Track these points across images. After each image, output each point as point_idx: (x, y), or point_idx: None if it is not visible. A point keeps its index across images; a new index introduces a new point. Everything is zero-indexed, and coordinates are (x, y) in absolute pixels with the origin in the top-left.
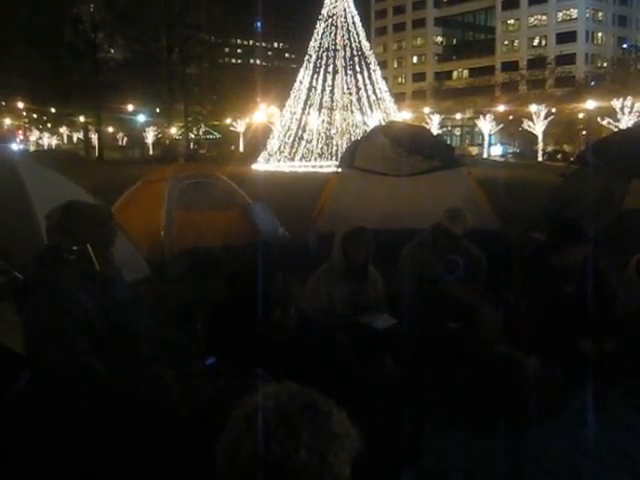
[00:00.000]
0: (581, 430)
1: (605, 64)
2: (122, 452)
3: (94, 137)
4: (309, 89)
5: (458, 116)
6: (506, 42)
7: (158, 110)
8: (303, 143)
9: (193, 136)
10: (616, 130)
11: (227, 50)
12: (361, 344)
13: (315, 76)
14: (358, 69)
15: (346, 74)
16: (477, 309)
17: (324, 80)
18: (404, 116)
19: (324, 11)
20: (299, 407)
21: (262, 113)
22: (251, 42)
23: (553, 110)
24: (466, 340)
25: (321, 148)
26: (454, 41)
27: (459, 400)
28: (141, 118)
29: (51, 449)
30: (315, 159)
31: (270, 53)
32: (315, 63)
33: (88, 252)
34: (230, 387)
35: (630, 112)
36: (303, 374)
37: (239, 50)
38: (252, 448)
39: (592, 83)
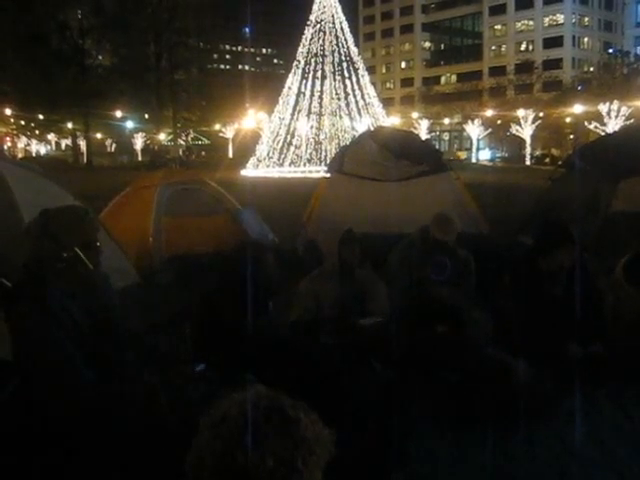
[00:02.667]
0: (569, 431)
1: (592, 69)
2: (111, 458)
3: (82, 144)
4: (298, 95)
5: (446, 121)
6: (493, 47)
7: (147, 116)
8: (292, 149)
9: (183, 142)
10: (603, 134)
11: (216, 56)
12: (348, 347)
13: (304, 82)
14: (346, 74)
15: (334, 79)
16: (464, 312)
17: (313, 85)
18: (393, 121)
19: (312, 17)
20: (265, 413)
21: (251, 119)
22: (240, 48)
23: (541, 114)
24: (453, 343)
25: (310, 153)
26: (442, 46)
27: (448, 403)
28: (130, 124)
29: (39, 456)
30: (304, 165)
31: (259, 59)
32: (304, 69)
33: (79, 255)
34: (219, 393)
35: (616, 116)
36: (291, 378)
37: (228, 56)
38: (217, 458)
39: (579, 87)
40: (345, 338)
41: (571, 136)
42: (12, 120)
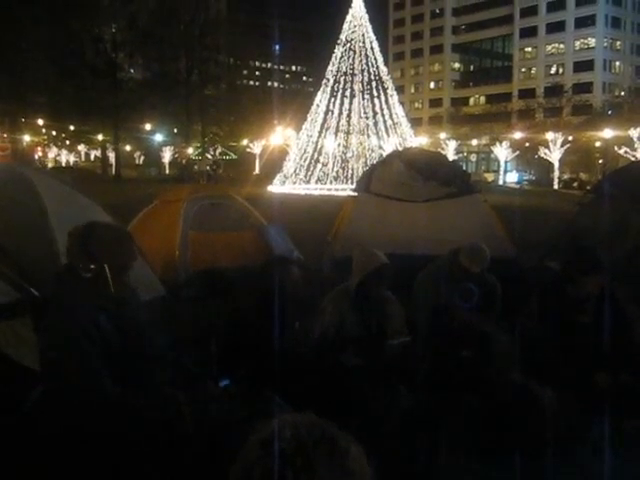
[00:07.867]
0: (597, 463)
1: (622, 93)
2: (133, 471)
3: (111, 155)
4: (326, 112)
5: (474, 142)
6: (523, 69)
7: (175, 130)
8: (319, 166)
9: (210, 157)
10: (633, 159)
11: (245, 72)
12: (374, 369)
13: (332, 100)
14: (375, 93)
15: (363, 98)
16: (491, 337)
17: (341, 104)
18: (420, 141)
19: (343, 36)
20: (317, 440)
21: (279, 135)
22: (269, 65)
23: (570, 138)
24: (479, 369)
25: (337, 171)
26: (471, 67)
27: (473, 430)
28: (158, 137)
29: (61, 464)
30: (331, 182)
31: (288, 76)
32: (332, 87)
33: (105, 272)
34: (243, 410)
35: None
36: (317, 399)
37: (257, 72)
38: (266, 475)
39: (609, 112)
40: (373, 359)
41: (600, 161)
42: (44, 130)
